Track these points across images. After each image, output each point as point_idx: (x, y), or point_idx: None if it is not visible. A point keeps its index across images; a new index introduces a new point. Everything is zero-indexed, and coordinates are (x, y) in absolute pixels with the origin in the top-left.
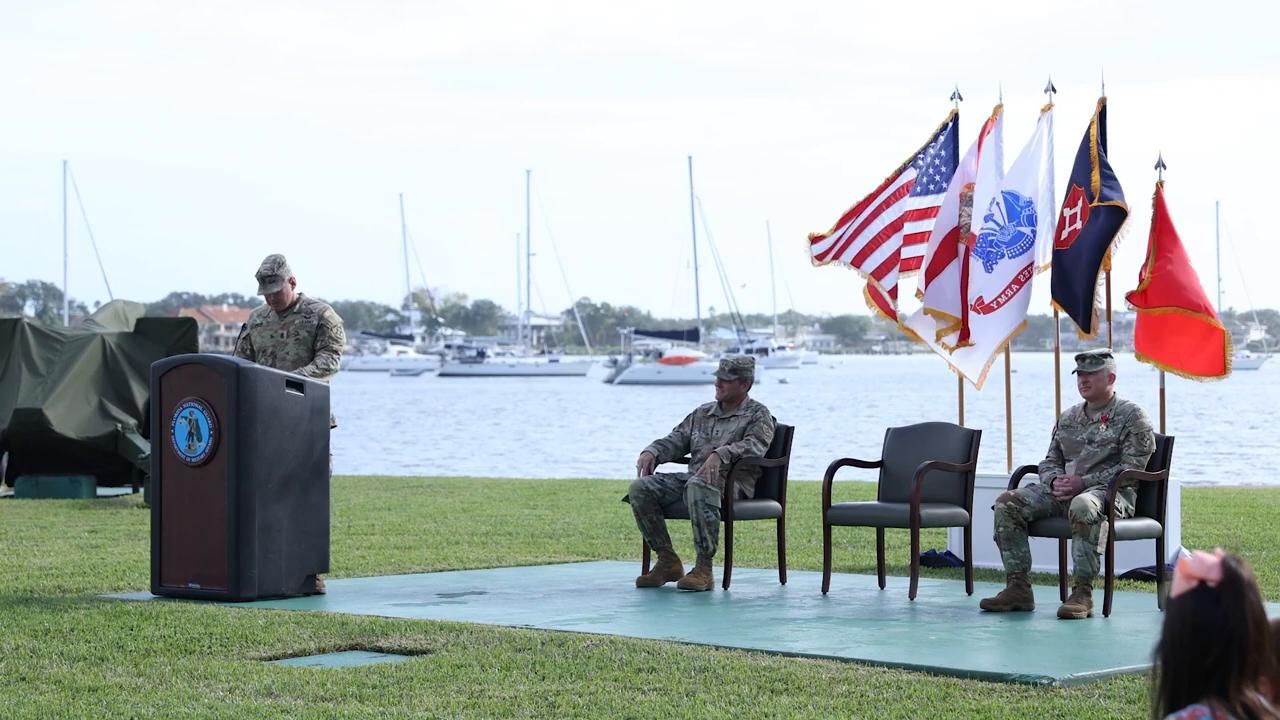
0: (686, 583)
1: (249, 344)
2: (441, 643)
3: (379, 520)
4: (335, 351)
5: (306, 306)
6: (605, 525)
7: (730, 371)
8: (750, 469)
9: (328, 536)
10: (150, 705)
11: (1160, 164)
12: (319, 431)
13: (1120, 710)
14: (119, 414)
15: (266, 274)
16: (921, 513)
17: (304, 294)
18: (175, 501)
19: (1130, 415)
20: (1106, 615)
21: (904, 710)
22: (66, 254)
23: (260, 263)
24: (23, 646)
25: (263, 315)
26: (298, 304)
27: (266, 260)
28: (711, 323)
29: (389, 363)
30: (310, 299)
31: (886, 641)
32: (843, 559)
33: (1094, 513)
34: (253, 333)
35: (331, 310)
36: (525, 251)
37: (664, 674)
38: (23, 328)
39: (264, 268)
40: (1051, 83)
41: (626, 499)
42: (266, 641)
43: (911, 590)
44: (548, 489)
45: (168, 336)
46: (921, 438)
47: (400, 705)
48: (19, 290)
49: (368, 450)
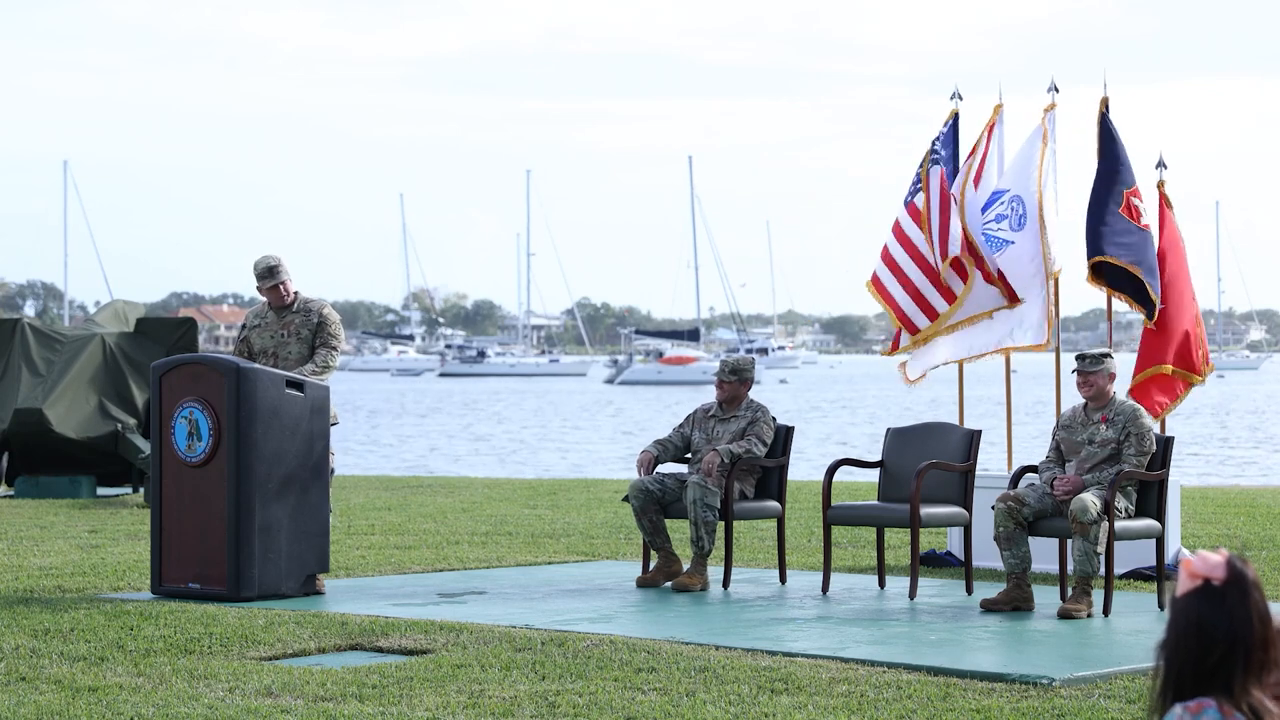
0: (681, 584)
1: (247, 346)
2: (441, 643)
3: (379, 520)
4: (334, 349)
5: (305, 305)
6: (605, 525)
7: (730, 372)
8: (750, 469)
9: (328, 536)
10: (150, 705)
11: (1161, 164)
12: (319, 431)
13: (1120, 710)
14: (119, 414)
15: (265, 271)
16: (921, 513)
17: (300, 293)
18: (175, 501)
19: (1130, 415)
20: (1106, 615)
21: (904, 710)
22: (66, 254)
23: (256, 261)
24: (23, 646)
25: (260, 316)
26: (296, 303)
27: (261, 260)
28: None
29: (389, 362)
30: (308, 297)
31: (886, 641)
32: (843, 559)
33: (1094, 513)
34: (251, 334)
35: (330, 308)
36: (525, 251)
37: (664, 674)
38: (23, 328)
39: (261, 266)
40: (1054, 83)
41: (626, 499)
42: (266, 641)
43: (911, 590)
44: (548, 489)
45: (168, 336)
46: (921, 438)
47: (400, 705)
48: (19, 290)
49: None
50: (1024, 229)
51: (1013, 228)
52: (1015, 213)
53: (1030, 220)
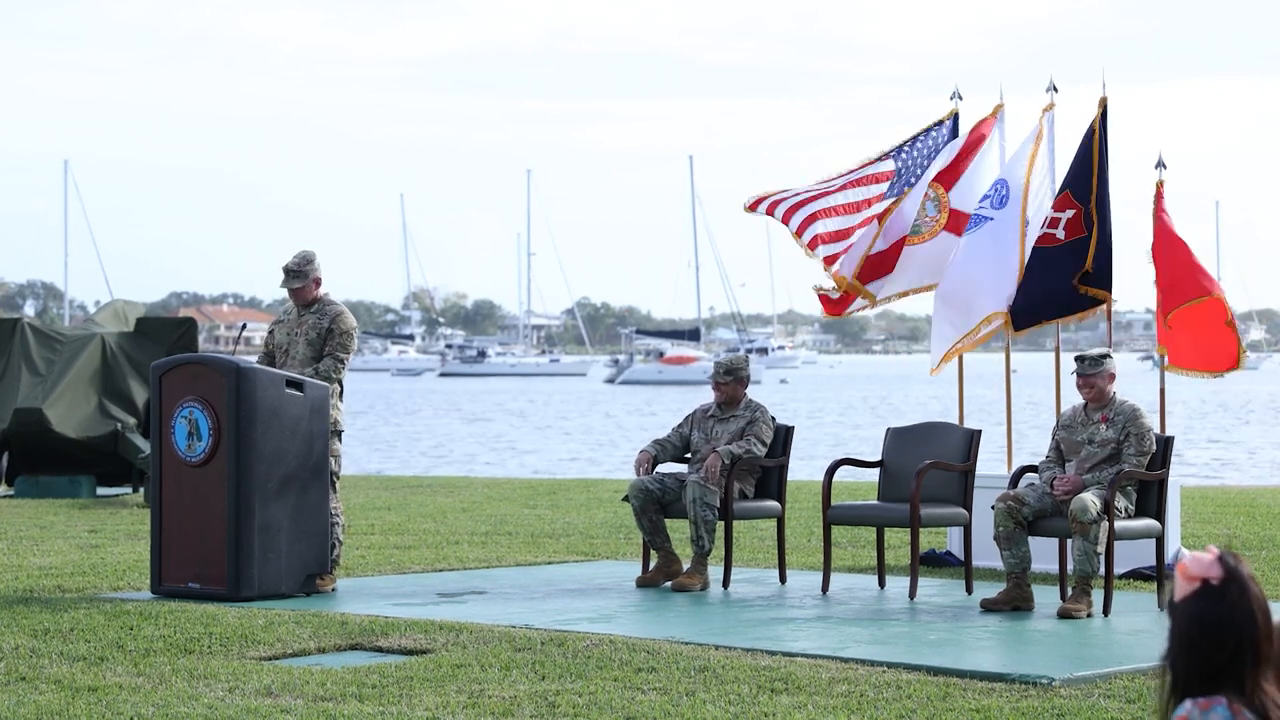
0: (680, 584)
1: (272, 339)
2: (441, 643)
3: (379, 520)
4: (340, 360)
5: (323, 308)
6: (605, 525)
7: (725, 373)
8: (750, 469)
9: (328, 536)
10: (150, 705)
11: (1160, 164)
12: (319, 431)
13: (1120, 710)
14: (119, 414)
15: (293, 268)
16: (921, 512)
17: (327, 294)
18: (175, 501)
19: (1130, 415)
20: (1106, 615)
21: (904, 710)
22: (67, 254)
23: (290, 256)
24: (23, 646)
25: (287, 312)
26: (316, 304)
27: (296, 255)
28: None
29: (390, 362)
30: (330, 300)
31: (886, 641)
32: (843, 559)
33: (1094, 512)
34: (275, 329)
35: (347, 315)
36: (525, 251)
37: (664, 674)
38: (23, 327)
39: (292, 261)
40: (1053, 82)
41: (626, 498)
42: (266, 641)
43: (911, 590)
44: (548, 489)
45: (168, 336)
46: (921, 438)
47: (400, 705)
48: (19, 290)
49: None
50: (1005, 208)
51: (994, 206)
52: (998, 193)
53: (1013, 202)
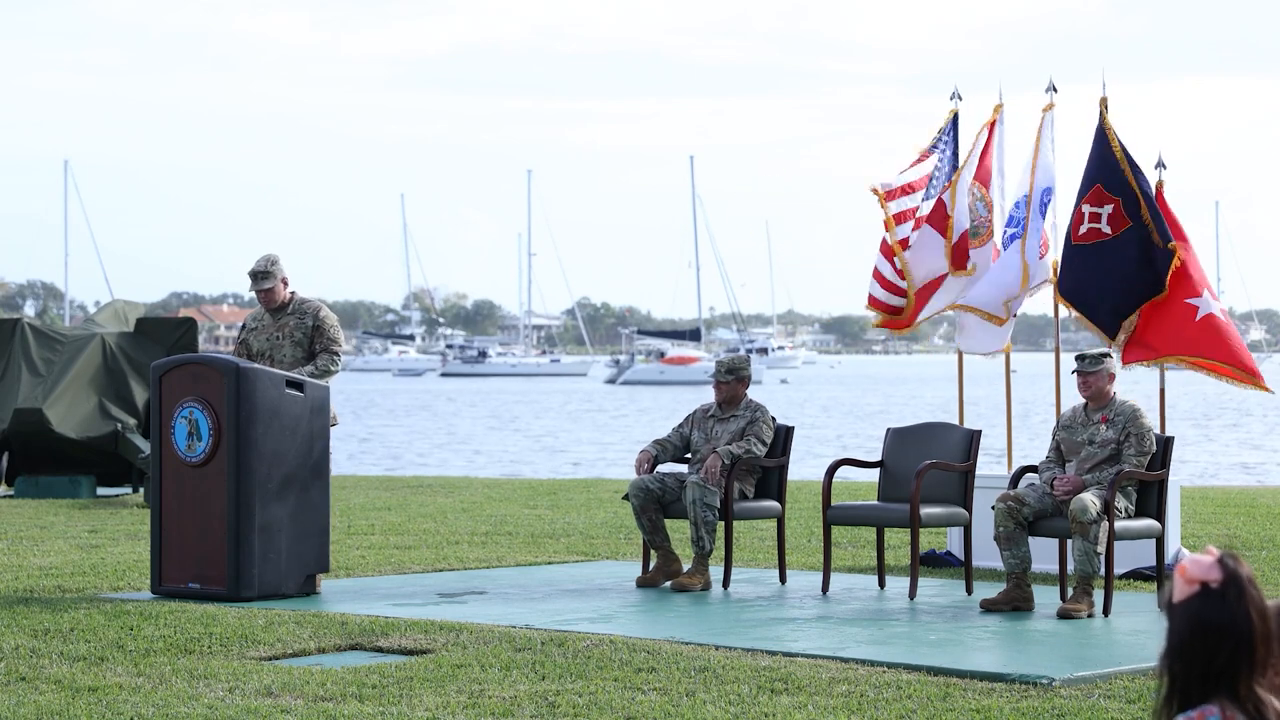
0: (681, 583)
1: (246, 348)
2: (441, 643)
3: (379, 520)
4: (335, 354)
5: (300, 306)
6: (605, 525)
7: (726, 372)
8: (750, 469)
9: (328, 536)
10: (150, 705)
11: (1160, 163)
12: (319, 431)
13: (1120, 710)
14: (119, 414)
15: (259, 271)
16: (921, 513)
17: (297, 293)
18: (175, 501)
19: (1130, 415)
20: (1106, 615)
21: (904, 710)
22: (67, 254)
23: (254, 261)
24: (23, 646)
25: (257, 319)
26: (291, 304)
27: (260, 258)
28: (711, 322)
29: (390, 363)
30: (304, 298)
31: (886, 641)
32: (843, 559)
33: (1094, 512)
34: (249, 336)
35: (327, 310)
36: (526, 251)
37: (664, 674)
38: (23, 328)
39: (257, 264)
40: (1052, 82)
41: (626, 497)
42: (266, 641)
43: (911, 590)
44: (548, 489)
45: (168, 336)
46: (921, 438)
47: (400, 705)
48: (19, 290)
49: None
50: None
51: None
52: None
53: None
